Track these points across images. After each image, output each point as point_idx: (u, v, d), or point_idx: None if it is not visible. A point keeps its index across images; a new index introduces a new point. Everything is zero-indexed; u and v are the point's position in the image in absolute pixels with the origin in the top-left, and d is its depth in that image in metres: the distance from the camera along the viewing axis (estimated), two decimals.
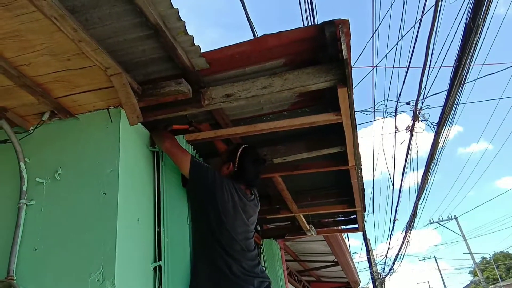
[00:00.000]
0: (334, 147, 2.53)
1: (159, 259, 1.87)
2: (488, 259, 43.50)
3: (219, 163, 2.32)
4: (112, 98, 1.82)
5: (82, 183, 1.75)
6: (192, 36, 1.66)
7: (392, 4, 5.59)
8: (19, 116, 1.90)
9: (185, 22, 1.58)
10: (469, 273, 46.37)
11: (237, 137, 2.45)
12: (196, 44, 1.72)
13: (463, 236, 28.38)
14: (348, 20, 1.67)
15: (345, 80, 1.82)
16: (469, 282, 45.84)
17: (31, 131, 1.92)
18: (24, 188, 1.77)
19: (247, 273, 1.99)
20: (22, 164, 1.81)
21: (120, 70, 1.67)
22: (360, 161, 2.70)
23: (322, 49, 1.81)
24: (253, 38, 2.92)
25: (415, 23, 4.42)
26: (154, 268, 1.85)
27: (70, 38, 1.44)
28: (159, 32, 1.59)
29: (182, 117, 2.25)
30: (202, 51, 1.77)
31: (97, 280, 1.54)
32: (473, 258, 28.93)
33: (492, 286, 35.95)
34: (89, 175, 1.76)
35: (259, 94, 1.91)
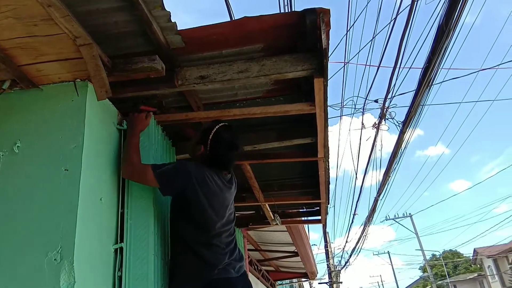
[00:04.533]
0: (305, 137, 2.54)
1: (121, 240, 1.81)
2: (438, 256, 45.69)
3: (193, 143, 2.18)
4: (79, 70, 1.72)
5: (42, 158, 1.66)
6: (169, 12, 1.60)
7: (368, 2, 5.65)
8: None
9: None
10: (419, 269, 48.58)
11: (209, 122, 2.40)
12: (172, 21, 1.66)
13: (416, 234, 29.64)
14: (329, 10, 1.67)
15: (322, 70, 1.81)
16: (418, 277, 48.04)
17: None
18: None
19: (230, 260, 1.99)
20: None
21: (91, 41, 1.58)
22: (329, 154, 2.74)
23: (301, 37, 1.80)
24: (232, 20, 2.87)
25: (389, 22, 4.50)
26: (115, 250, 1.79)
27: (38, 2, 1.34)
28: (134, 4, 1.52)
29: (152, 97, 2.18)
30: (178, 29, 1.71)
31: (54, 259, 1.47)
32: (424, 255, 30.33)
33: (439, 282, 37.88)
34: (50, 149, 1.67)
35: (235, 78, 1.87)
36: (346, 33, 5.43)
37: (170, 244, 2.07)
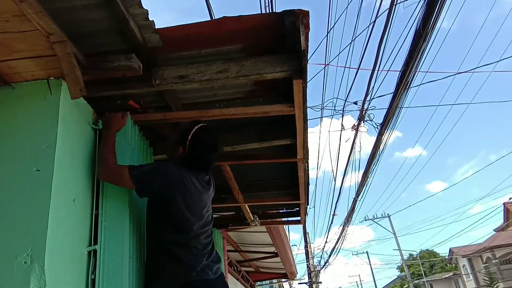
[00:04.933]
0: (285, 139, 2.54)
1: (95, 243, 1.77)
2: (415, 256, 46.61)
3: (172, 144, 2.17)
4: (53, 68, 1.67)
5: (13, 157, 1.60)
6: (147, 10, 1.57)
7: (348, 4, 5.71)
8: None
9: None
10: (396, 268, 49.51)
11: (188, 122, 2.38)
12: (150, 19, 1.63)
13: (394, 234, 30.15)
14: (308, 12, 1.67)
15: (301, 72, 1.82)
16: (396, 277, 48.90)
17: None
18: None
19: (208, 261, 1.97)
20: None
21: (65, 38, 1.54)
22: (308, 155, 2.75)
23: (281, 38, 1.79)
24: (211, 19, 2.85)
25: (368, 25, 4.56)
26: (89, 252, 1.75)
27: None
28: (111, 2, 1.49)
29: (130, 96, 2.14)
30: (156, 27, 1.68)
31: (24, 262, 1.43)
32: (401, 255, 30.87)
33: (416, 281, 38.63)
34: (22, 149, 1.61)
35: (214, 78, 1.85)
36: (327, 35, 5.48)
37: (147, 246, 2.03)
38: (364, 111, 5.73)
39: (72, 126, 1.76)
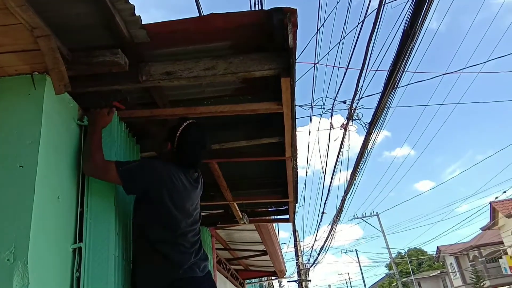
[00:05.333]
0: (273, 137, 2.55)
1: (80, 240, 1.75)
2: (403, 254, 47.07)
3: (160, 141, 2.14)
4: (37, 63, 1.64)
5: None
6: (133, 5, 1.55)
7: (337, 3, 5.73)
8: None
9: None
10: (385, 266, 49.90)
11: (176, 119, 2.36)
12: (137, 15, 1.61)
13: (383, 232, 30.42)
14: (296, 10, 1.67)
15: (289, 70, 1.81)
16: (384, 274, 49.38)
17: None
18: None
19: (195, 259, 1.96)
20: None
21: (49, 32, 1.51)
22: (297, 153, 2.75)
23: (269, 36, 1.79)
24: (199, 16, 2.84)
25: (357, 25, 4.59)
26: (74, 250, 1.73)
27: None
28: None
29: (115, 93, 2.11)
30: (143, 23, 1.66)
31: (7, 260, 1.40)
32: (389, 253, 31.17)
33: (404, 279, 39.03)
34: (5, 145, 1.58)
35: (202, 75, 1.84)
36: (316, 34, 5.50)
37: (134, 243, 2.02)
38: (352, 110, 5.77)
39: (57, 121, 1.74)
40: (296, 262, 18.77)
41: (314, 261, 19.88)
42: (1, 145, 1.59)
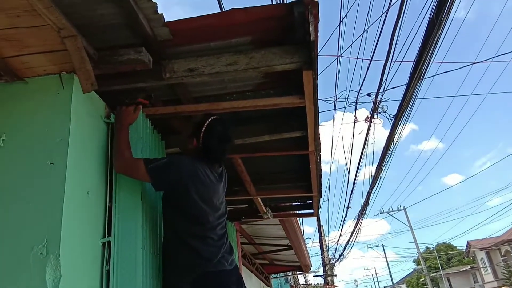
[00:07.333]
0: (296, 131, 2.53)
1: (109, 234, 1.80)
2: (431, 249, 46.09)
3: (185, 137, 2.18)
4: (65, 63, 1.69)
5: (28, 151, 1.64)
6: (156, 3, 1.58)
7: None
8: None
9: None
10: (413, 261, 49.00)
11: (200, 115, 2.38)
12: (159, 13, 1.64)
13: (410, 227, 29.91)
14: (317, 2, 1.65)
15: (310, 63, 1.80)
16: (412, 270, 48.49)
17: None
18: None
19: (223, 253, 2.00)
20: None
21: (75, 33, 1.56)
22: (320, 147, 2.73)
23: (290, 29, 1.78)
24: (220, 11, 2.85)
25: (381, 15, 4.49)
26: (103, 244, 1.78)
27: None
28: None
29: (141, 90, 2.16)
30: (165, 21, 1.69)
31: (40, 253, 1.46)
32: (417, 248, 30.63)
33: (433, 274, 38.25)
34: (36, 143, 1.65)
35: (224, 71, 1.85)
36: (339, 26, 5.42)
37: (163, 237, 2.07)
38: (377, 103, 5.67)
39: (85, 120, 1.79)
40: (322, 257, 18.70)
41: (340, 255, 19.76)
42: (32, 143, 1.65)
